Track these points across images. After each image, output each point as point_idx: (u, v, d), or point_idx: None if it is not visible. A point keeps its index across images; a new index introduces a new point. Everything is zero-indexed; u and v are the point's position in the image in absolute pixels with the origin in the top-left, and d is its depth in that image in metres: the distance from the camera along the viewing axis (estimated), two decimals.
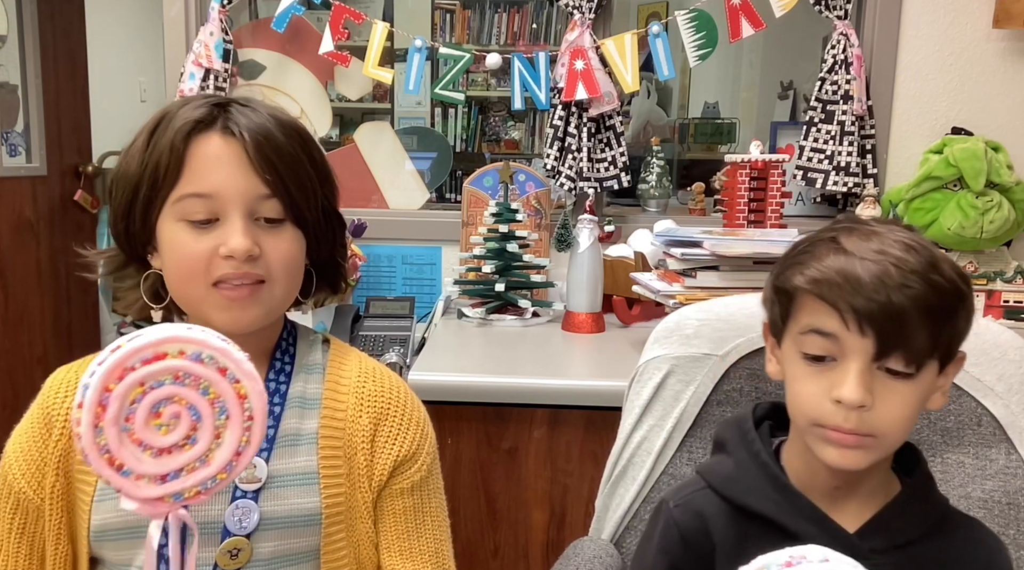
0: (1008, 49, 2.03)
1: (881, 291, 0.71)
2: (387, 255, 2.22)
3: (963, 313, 0.75)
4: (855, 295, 0.72)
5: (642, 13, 3.76)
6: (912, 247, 0.74)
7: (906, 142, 2.08)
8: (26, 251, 2.90)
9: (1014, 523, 0.95)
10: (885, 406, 0.74)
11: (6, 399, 2.75)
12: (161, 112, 0.88)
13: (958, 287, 0.74)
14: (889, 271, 0.72)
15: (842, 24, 1.99)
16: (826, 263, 0.75)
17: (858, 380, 0.73)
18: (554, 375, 1.59)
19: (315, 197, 0.89)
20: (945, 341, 0.74)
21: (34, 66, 2.86)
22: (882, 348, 0.73)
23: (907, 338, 0.72)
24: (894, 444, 0.77)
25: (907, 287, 0.72)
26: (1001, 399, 0.96)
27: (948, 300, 0.73)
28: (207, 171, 0.84)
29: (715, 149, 3.57)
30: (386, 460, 0.92)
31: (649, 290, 1.71)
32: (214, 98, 0.89)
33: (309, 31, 2.19)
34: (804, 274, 0.76)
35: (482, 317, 1.96)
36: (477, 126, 4.25)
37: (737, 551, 0.82)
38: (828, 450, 0.77)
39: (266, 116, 0.87)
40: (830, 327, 0.74)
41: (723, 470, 0.86)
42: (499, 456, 1.55)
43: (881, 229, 0.77)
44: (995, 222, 1.84)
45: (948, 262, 0.75)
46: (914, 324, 0.72)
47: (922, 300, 0.72)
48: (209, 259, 0.84)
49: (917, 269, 0.72)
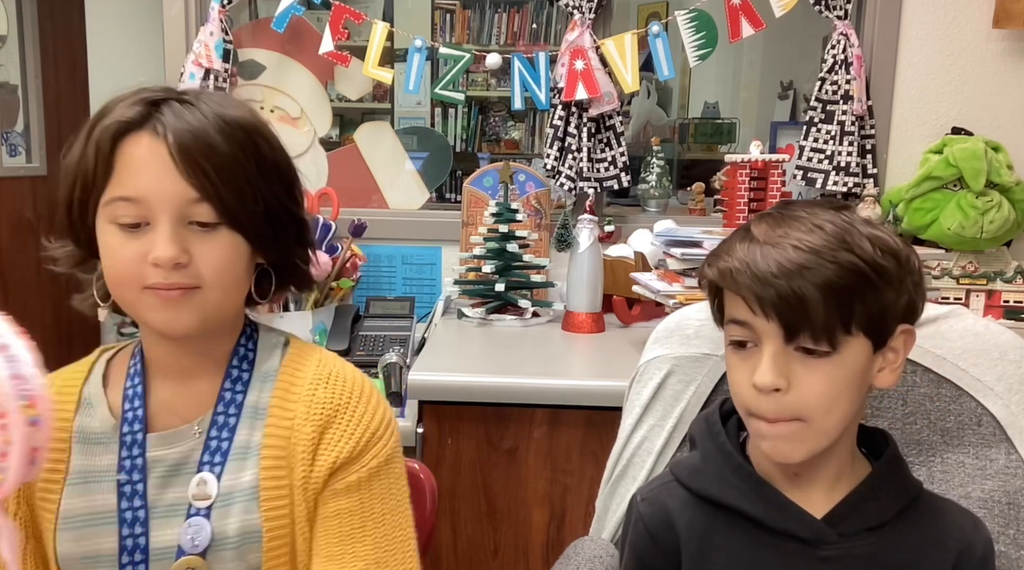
0: (1008, 49, 2.03)
1: (780, 275, 0.72)
2: (387, 255, 2.22)
3: (886, 288, 0.74)
4: (755, 281, 0.73)
5: (642, 13, 3.76)
6: (820, 227, 0.74)
7: (906, 142, 2.08)
8: (26, 251, 2.90)
9: (1014, 523, 0.95)
10: (804, 386, 0.74)
11: None
12: (103, 107, 0.84)
13: (875, 263, 0.73)
14: (788, 254, 0.73)
15: (842, 24, 1.99)
16: (734, 253, 0.77)
17: (769, 364, 0.74)
18: (554, 375, 1.59)
19: (255, 199, 0.83)
20: (863, 318, 0.74)
21: (34, 66, 2.86)
22: (789, 330, 0.73)
23: (810, 318, 0.72)
24: (828, 427, 0.76)
25: (805, 268, 0.72)
26: (1001, 399, 0.96)
27: (855, 277, 0.73)
28: (135, 174, 0.80)
29: (715, 149, 3.57)
30: (321, 466, 0.86)
31: (649, 290, 1.71)
32: (153, 94, 0.83)
33: (309, 31, 2.20)
34: (715, 266, 0.79)
35: (482, 317, 1.96)
36: (477, 126, 4.25)
37: (703, 543, 0.82)
38: (763, 443, 0.78)
39: (205, 114, 0.81)
40: (742, 315, 0.76)
41: (690, 463, 0.87)
42: (499, 456, 1.55)
43: (803, 213, 0.77)
44: (995, 222, 1.84)
45: (873, 238, 0.75)
46: (816, 303, 0.72)
47: (822, 279, 0.72)
48: (139, 264, 0.80)
49: (819, 248, 0.73)
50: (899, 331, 0.78)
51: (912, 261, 0.77)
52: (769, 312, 0.73)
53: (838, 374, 0.74)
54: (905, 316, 0.78)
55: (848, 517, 0.80)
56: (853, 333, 0.74)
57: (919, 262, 0.79)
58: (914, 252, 0.79)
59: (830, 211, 0.77)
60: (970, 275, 1.91)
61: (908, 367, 0.99)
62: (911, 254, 0.78)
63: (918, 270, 0.78)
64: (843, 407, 0.76)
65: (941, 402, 0.97)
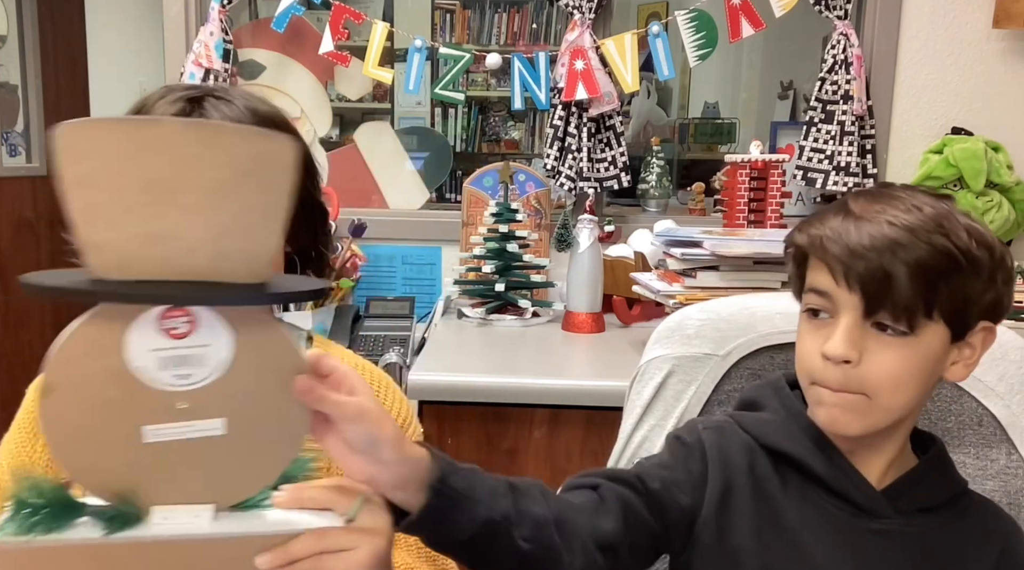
0: (1008, 49, 2.03)
1: (871, 249, 0.72)
2: (387, 255, 2.22)
3: (975, 280, 0.73)
4: (845, 252, 0.73)
5: (642, 13, 3.76)
6: (919, 208, 0.73)
7: (906, 142, 2.08)
8: (26, 251, 2.90)
9: None
10: (874, 362, 0.73)
11: (6, 399, 2.75)
12: (139, 103, 0.86)
13: (969, 251, 0.72)
14: (883, 229, 0.72)
15: (842, 24, 1.99)
16: (827, 222, 0.76)
17: (843, 335, 0.73)
18: (554, 375, 1.59)
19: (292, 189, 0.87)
20: (947, 305, 0.73)
21: (34, 66, 2.86)
22: (870, 305, 0.73)
23: (894, 295, 0.72)
24: (890, 407, 0.75)
25: (899, 244, 0.71)
26: (1002, 399, 0.96)
27: (947, 261, 0.72)
28: None
29: (715, 149, 3.58)
30: None
31: (649, 290, 1.71)
32: (190, 90, 0.87)
33: (309, 31, 2.20)
34: (806, 233, 0.78)
35: (482, 317, 1.96)
36: (477, 126, 4.25)
37: (757, 488, 0.80)
38: (820, 411, 0.77)
39: (242, 109, 0.85)
40: (824, 284, 0.75)
41: (754, 416, 0.85)
42: (499, 456, 1.55)
43: (902, 193, 0.76)
44: (995, 222, 1.84)
45: (970, 229, 0.74)
46: (902, 281, 0.71)
47: (913, 258, 0.71)
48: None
49: (914, 228, 0.72)
50: (980, 327, 0.77)
51: (1006, 260, 0.76)
52: (853, 284, 0.73)
53: (912, 356, 0.74)
54: (988, 313, 0.76)
55: (904, 495, 0.79)
56: (934, 318, 0.73)
57: (1012, 262, 0.78)
58: (1008, 252, 0.77)
59: (930, 196, 0.76)
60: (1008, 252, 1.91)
61: None
62: (1006, 253, 0.76)
63: (1010, 269, 0.77)
64: (910, 391, 0.75)
65: (941, 402, 0.97)
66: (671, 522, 0.80)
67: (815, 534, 0.78)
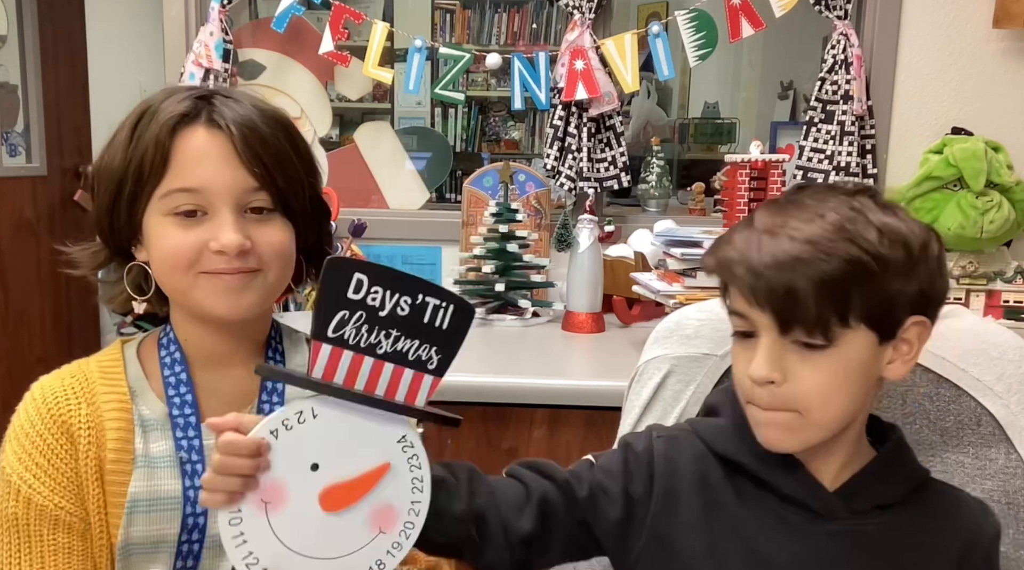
0: (1008, 49, 2.03)
1: (772, 266, 0.70)
2: (387, 255, 2.22)
3: (891, 278, 0.70)
4: (749, 273, 0.71)
5: (642, 13, 3.76)
6: (822, 215, 0.71)
7: (906, 142, 2.08)
8: (26, 251, 2.90)
9: (1013, 523, 0.95)
10: (799, 379, 0.72)
11: (6, 399, 2.74)
12: (144, 104, 0.86)
13: (878, 253, 0.69)
14: (783, 245, 0.70)
15: (842, 24, 1.99)
16: (735, 242, 0.74)
17: (763, 356, 0.72)
18: (554, 375, 1.59)
19: (302, 187, 0.88)
20: (864, 310, 0.70)
21: (34, 66, 2.86)
22: (782, 323, 0.71)
23: (803, 311, 0.70)
24: (823, 421, 0.74)
25: (799, 260, 0.69)
26: (1001, 399, 0.96)
27: (853, 268, 0.69)
28: (193, 165, 0.83)
29: (715, 149, 3.58)
30: None
31: (649, 290, 1.71)
32: (196, 90, 0.87)
33: (309, 31, 2.20)
34: (715, 255, 0.76)
35: (482, 317, 1.96)
36: (477, 126, 4.25)
37: (708, 498, 0.80)
38: (757, 430, 0.77)
39: (250, 107, 0.86)
40: (740, 306, 0.75)
41: (712, 423, 0.85)
42: (499, 456, 1.55)
43: (809, 199, 0.74)
44: (995, 222, 1.84)
45: (883, 227, 0.71)
46: (807, 297, 0.69)
47: (815, 273, 0.69)
48: (199, 253, 0.83)
49: (815, 239, 0.69)
50: (911, 322, 0.74)
51: (930, 249, 0.73)
52: (764, 304, 0.71)
53: (836, 367, 0.72)
54: (917, 307, 0.73)
55: (858, 494, 0.78)
56: (852, 326, 0.71)
57: (940, 249, 0.74)
58: (936, 238, 0.74)
59: (841, 196, 0.73)
60: (970, 275, 1.91)
61: None
62: (930, 241, 0.73)
63: (936, 258, 0.74)
64: (842, 401, 0.74)
65: (940, 402, 0.97)
66: (598, 531, 0.82)
67: (774, 541, 0.78)
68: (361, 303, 0.71)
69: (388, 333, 0.72)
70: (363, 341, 0.71)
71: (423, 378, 0.75)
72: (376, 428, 0.74)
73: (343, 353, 0.71)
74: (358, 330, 0.71)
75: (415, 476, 0.76)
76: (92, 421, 0.85)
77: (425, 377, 0.75)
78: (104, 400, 0.86)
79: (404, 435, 0.75)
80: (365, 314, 0.71)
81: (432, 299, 0.73)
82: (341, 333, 0.70)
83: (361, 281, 0.70)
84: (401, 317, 0.72)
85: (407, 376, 0.74)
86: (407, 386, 0.74)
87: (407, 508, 0.75)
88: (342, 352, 0.71)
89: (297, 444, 0.71)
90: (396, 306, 0.72)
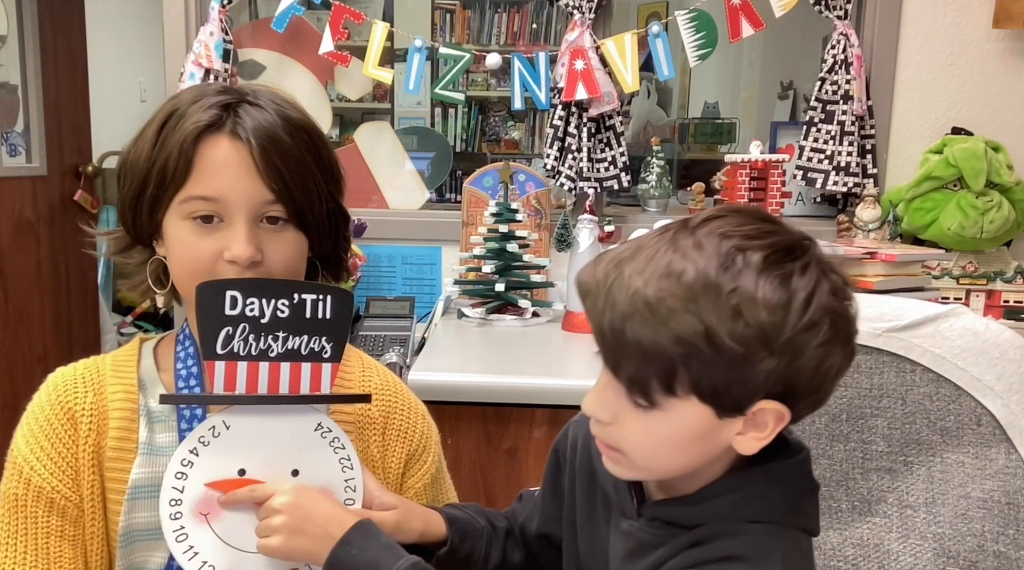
0: (1008, 49, 2.03)
1: (608, 310, 0.65)
2: (387, 255, 2.22)
3: (726, 367, 0.62)
4: (591, 312, 0.67)
5: (642, 13, 3.76)
6: (679, 274, 0.63)
7: (906, 142, 2.09)
8: (26, 251, 2.90)
9: (1013, 523, 0.95)
10: (624, 426, 0.68)
11: (6, 399, 2.75)
12: (172, 105, 0.87)
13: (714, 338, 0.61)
14: (623, 294, 0.64)
15: (842, 24, 1.99)
16: (596, 272, 0.68)
17: (595, 393, 0.70)
18: (554, 375, 1.59)
19: (319, 200, 0.89)
20: (693, 387, 0.63)
21: (34, 66, 2.86)
22: (614, 371, 0.67)
23: (627, 369, 0.65)
24: (653, 468, 0.70)
25: (631, 319, 0.63)
26: (1001, 399, 0.97)
27: (681, 347, 0.62)
28: (214, 174, 0.84)
29: (715, 149, 3.57)
30: (400, 452, 0.96)
31: None
32: (225, 94, 0.87)
33: (309, 31, 2.20)
34: (580, 275, 0.71)
35: (482, 317, 1.96)
36: (477, 126, 4.25)
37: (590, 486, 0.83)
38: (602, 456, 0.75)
39: (274, 116, 0.86)
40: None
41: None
42: (499, 456, 1.55)
43: (687, 240, 0.65)
44: (995, 222, 1.84)
45: (744, 304, 0.61)
46: (632, 358, 0.64)
47: (642, 338, 0.63)
48: (214, 260, 0.84)
49: (653, 303, 0.62)
50: (762, 407, 0.65)
51: (816, 332, 0.62)
52: (598, 340, 0.67)
53: (660, 429, 0.67)
54: (775, 395, 0.65)
55: (655, 510, 0.74)
56: (680, 396, 0.64)
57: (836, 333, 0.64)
58: (841, 318, 0.64)
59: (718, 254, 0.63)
60: (970, 275, 1.91)
61: (908, 366, 0.99)
62: (819, 324, 0.62)
63: (823, 344, 0.63)
64: (674, 458, 0.69)
65: (941, 401, 0.97)
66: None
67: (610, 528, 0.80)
68: (241, 316, 0.79)
69: (276, 336, 0.80)
70: (253, 349, 0.79)
71: (322, 367, 0.81)
72: (290, 423, 0.81)
73: (238, 365, 0.78)
74: (246, 341, 0.79)
75: (341, 456, 0.83)
76: (96, 409, 0.87)
77: (324, 366, 0.81)
78: (112, 391, 0.88)
79: (320, 422, 0.82)
80: (248, 325, 0.79)
81: (308, 295, 0.80)
82: (230, 348, 0.78)
83: (235, 297, 0.78)
84: (284, 319, 0.80)
85: (306, 369, 0.81)
86: (308, 378, 0.81)
87: (343, 486, 0.82)
88: (236, 364, 0.79)
89: (218, 456, 0.79)
90: (275, 310, 0.79)
